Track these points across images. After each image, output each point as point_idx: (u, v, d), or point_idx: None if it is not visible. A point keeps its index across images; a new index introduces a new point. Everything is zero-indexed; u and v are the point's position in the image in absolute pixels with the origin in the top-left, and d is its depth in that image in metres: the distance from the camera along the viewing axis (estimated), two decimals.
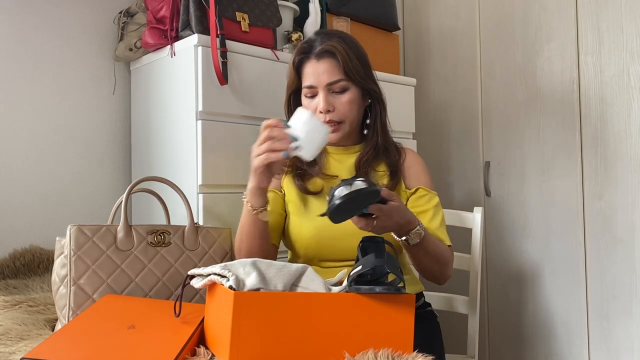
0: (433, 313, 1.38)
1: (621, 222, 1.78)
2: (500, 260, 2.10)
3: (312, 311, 0.84)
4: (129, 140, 1.84)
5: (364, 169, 1.29)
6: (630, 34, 1.77)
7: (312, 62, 1.26)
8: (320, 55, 1.24)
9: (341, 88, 1.25)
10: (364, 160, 1.30)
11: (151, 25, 1.63)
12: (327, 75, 1.24)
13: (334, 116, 1.25)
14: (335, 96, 1.25)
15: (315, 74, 1.25)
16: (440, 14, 2.33)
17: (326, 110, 1.24)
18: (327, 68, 1.24)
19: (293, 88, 1.32)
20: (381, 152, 1.31)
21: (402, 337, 0.88)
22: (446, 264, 1.23)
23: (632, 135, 1.77)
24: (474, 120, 2.20)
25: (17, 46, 1.66)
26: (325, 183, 1.29)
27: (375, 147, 1.31)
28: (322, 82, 1.24)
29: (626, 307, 1.77)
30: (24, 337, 1.05)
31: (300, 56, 1.28)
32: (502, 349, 2.10)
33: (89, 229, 1.12)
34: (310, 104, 1.27)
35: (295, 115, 1.13)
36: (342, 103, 1.25)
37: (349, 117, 1.27)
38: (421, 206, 1.28)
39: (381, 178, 1.30)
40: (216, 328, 0.88)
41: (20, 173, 1.65)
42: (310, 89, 1.26)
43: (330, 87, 1.24)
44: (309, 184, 1.29)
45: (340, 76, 1.24)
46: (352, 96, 1.26)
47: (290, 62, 1.30)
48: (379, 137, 1.31)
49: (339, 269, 1.25)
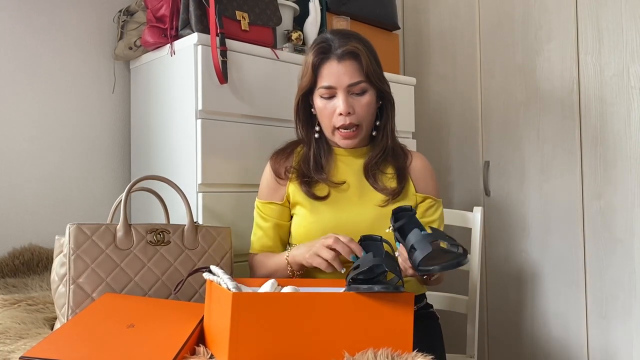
0: (435, 315, 1.38)
1: (620, 222, 1.78)
2: (500, 260, 2.11)
3: (311, 311, 0.84)
4: (128, 139, 1.84)
5: (373, 171, 1.29)
6: (630, 34, 1.77)
7: (332, 62, 1.23)
8: (342, 56, 1.22)
9: (361, 90, 1.24)
10: (372, 163, 1.30)
11: (151, 24, 1.62)
12: (348, 77, 1.22)
13: (353, 119, 1.24)
14: (355, 98, 1.24)
15: (336, 74, 1.23)
16: (440, 14, 2.33)
17: (347, 112, 1.23)
18: (348, 69, 1.22)
19: (306, 89, 1.29)
20: (389, 155, 1.31)
21: (401, 336, 0.88)
22: (441, 282, 1.28)
23: (631, 135, 1.77)
24: (474, 119, 2.20)
25: (16, 45, 1.66)
26: (332, 189, 1.29)
27: (385, 150, 1.31)
28: (343, 83, 1.22)
29: (625, 307, 1.77)
30: (23, 335, 1.05)
31: (320, 56, 1.25)
32: (501, 348, 2.10)
33: (89, 227, 1.12)
34: (327, 105, 1.25)
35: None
36: (361, 105, 1.24)
37: (367, 119, 1.27)
38: (429, 216, 1.31)
39: (389, 181, 1.30)
40: (215, 328, 0.88)
41: (19, 171, 1.65)
42: (328, 90, 1.24)
43: (350, 88, 1.23)
44: (316, 190, 1.29)
45: (361, 78, 1.23)
46: (370, 99, 1.25)
47: (307, 62, 1.27)
48: (388, 139, 1.31)
49: (345, 272, 1.26)
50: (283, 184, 1.32)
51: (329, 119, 1.26)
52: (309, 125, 1.34)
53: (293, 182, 1.32)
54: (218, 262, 1.24)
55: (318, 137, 1.32)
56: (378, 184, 1.28)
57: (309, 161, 1.31)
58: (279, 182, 1.32)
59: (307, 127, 1.34)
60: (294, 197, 1.31)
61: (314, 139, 1.33)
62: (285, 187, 1.33)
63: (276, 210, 1.31)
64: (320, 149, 1.32)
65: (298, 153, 1.35)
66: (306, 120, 1.34)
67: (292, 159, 1.34)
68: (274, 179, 1.33)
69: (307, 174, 1.30)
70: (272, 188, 1.33)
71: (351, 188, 1.29)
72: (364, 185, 1.29)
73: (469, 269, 1.66)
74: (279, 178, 1.32)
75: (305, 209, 1.29)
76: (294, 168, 1.32)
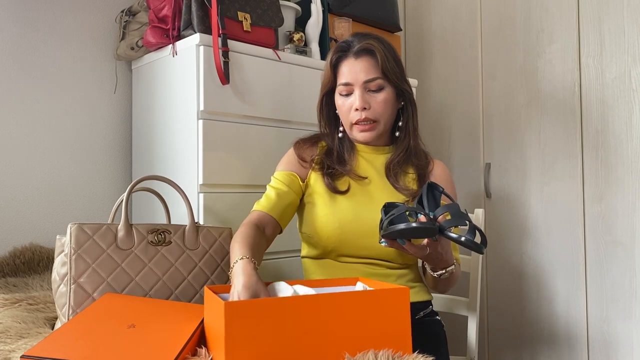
0: (440, 323, 1.37)
1: (621, 225, 1.78)
2: (500, 262, 2.10)
3: (305, 314, 0.83)
4: (129, 139, 1.84)
5: (395, 171, 1.30)
6: (632, 37, 1.77)
7: (350, 60, 1.26)
8: (358, 53, 1.25)
9: (377, 86, 1.25)
10: (394, 162, 1.30)
11: (153, 25, 1.62)
12: (364, 73, 1.24)
13: (369, 114, 1.25)
14: (371, 94, 1.26)
15: (352, 71, 1.25)
16: (441, 15, 2.34)
17: (362, 107, 1.24)
18: (364, 66, 1.24)
19: (328, 88, 1.32)
20: (412, 155, 1.32)
21: (400, 334, 0.88)
22: (453, 284, 1.27)
23: (632, 138, 1.77)
24: (475, 121, 2.20)
25: (18, 45, 1.66)
26: (354, 183, 1.29)
27: (407, 150, 1.31)
28: (360, 79, 1.24)
29: (626, 311, 1.77)
30: (23, 335, 1.05)
31: (338, 54, 1.28)
32: (501, 351, 2.10)
33: (90, 227, 1.12)
34: (345, 102, 1.27)
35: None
36: (377, 102, 1.25)
37: (384, 116, 1.27)
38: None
39: (410, 182, 1.30)
40: (213, 333, 0.88)
41: (21, 171, 1.65)
42: (346, 87, 1.26)
43: (366, 85, 1.25)
44: (338, 184, 1.29)
45: (377, 74, 1.25)
46: (387, 96, 1.26)
47: (327, 61, 1.30)
48: (410, 139, 1.32)
49: (356, 265, 1.27)
50: (306, 167, 1.32)
51: (347, 115, 1.28)
52: (332, 125, 1.36)
53: (315, 172, 1.31)
54: (219, 263, 1.25)
55: (342, 136, 1.34)
56: (399, 184, 1.29)
57: (333, 155, 1.32)
58: (303, 164, 1.32)
59: (331, 126, 1.36)
60: (314, 185, 1.30)
61: (337, 137, 1.34)
62: (307, 170, 1.32)
63: (295, 182, 1.29)
64: (343, 145, 1.34)
65: (322, 147, 1.36)
66: (329, 121, 1.36)
67: (316, 149, 1.34)
68: (297, 161, 1.33)
69: (330, 165, 1.30)
70: (294, 165, 1.32)
71: (372, 183, 1.30)
72: (385, 183, 1.30)
73: (470, 270, 1.66)
74: (303, 161, 1.32)
75: (324, 200, 1.28)
76: (318, 158, 1.32)
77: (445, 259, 1.13)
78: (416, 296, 1.30)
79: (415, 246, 1.05)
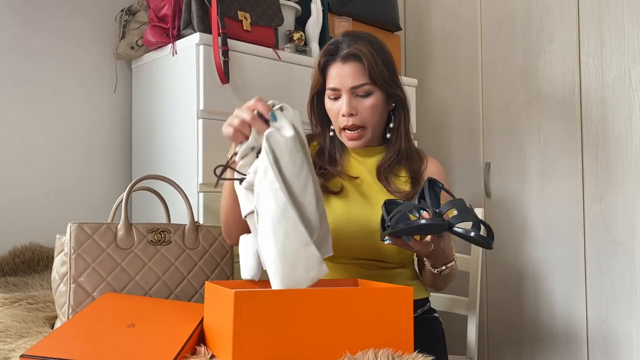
0: (438, 320, 1.37)
1: (621, 224, 1.78)
2: (500, 261, 2.10)
3: (313, 308, 0.84)
4: (129, 138, 1.84)
5: (385, 174, 1.29)
6: (632, 37, 1.77)
7: (337, 64, 1.24)
8: (346, 58, 1.23)
9: (365, 92, 1.23)
10: (385, 165, 1.29)
11: (153, 24, 1.62)
12: (351, 79, 1.22)
13: (356, 120, 1.24)
14: (359, 100, 1.24)
15: (340, 76, 1.23)
16: (441, 15, 2.33)
17: (349, 113, 1.23)
18: (352, 71, 1.22)
19: (317, 89, 1.30)
20: (403, 158, 1.31)
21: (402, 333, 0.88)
22: (451, 281, 1.27)
23: (632, 137, 1.77)
24: (475, 121, 2.20)
25: (18, 44, 1.66)
26: (347, 183, 1.29)
27: (398, 153, 1.30)
28: (347, 85, 1.23)
29: (626, 310, 1.77)
30: (23, 334, 1.05)
31: (326, 57, 1.26)
32: (501, 350, 2.10)
33: (90, 226, 1.12)
34: (333, 106, 1.26)
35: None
36: (365, 107, 1.24)
37: (371, 122, 1.26)
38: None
39: (403, 184, 1.30)
40: (217, 328, 0.88)
41: (20, 170, 1.65)
42: (334, 91, 1.25)
43: (354, 90, 1.23)
44: (330, 184, 1.29)
45: (364, 80, 1.23)
46: (375, 101, 1.24)
47: (315, 63, 1.29)
48: (402, 142, 1.30)
49: (351, 267, 1.26)
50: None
51: (336, 120, 1.27)
52: (324, 123, 1.35)
53: None
54: (219, 262, 1.25)
55: (333, 135, 1.33)
56: (391, 187, 1.28)
57: (324, 154, 1.32)
58: None
59: (323, 124, 1.35)
60: None
61: (329, 136, 1.34)
62: None
63: None
64: (334, 145, 1.33)
65: (314, 147, 1.35)
66: (321, 118, 1.35)
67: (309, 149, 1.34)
68: None
69: (322, 166, 1.30)
70: None
71: (364, 184, 1.29)
72: (377, 183, 1.30)
73: (470, 270, 1.66)
74: None
75: None
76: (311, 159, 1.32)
77: (447, 255, 1.13)
78: (414, 294, 1.30)
79: (421, 243, 1.04)
